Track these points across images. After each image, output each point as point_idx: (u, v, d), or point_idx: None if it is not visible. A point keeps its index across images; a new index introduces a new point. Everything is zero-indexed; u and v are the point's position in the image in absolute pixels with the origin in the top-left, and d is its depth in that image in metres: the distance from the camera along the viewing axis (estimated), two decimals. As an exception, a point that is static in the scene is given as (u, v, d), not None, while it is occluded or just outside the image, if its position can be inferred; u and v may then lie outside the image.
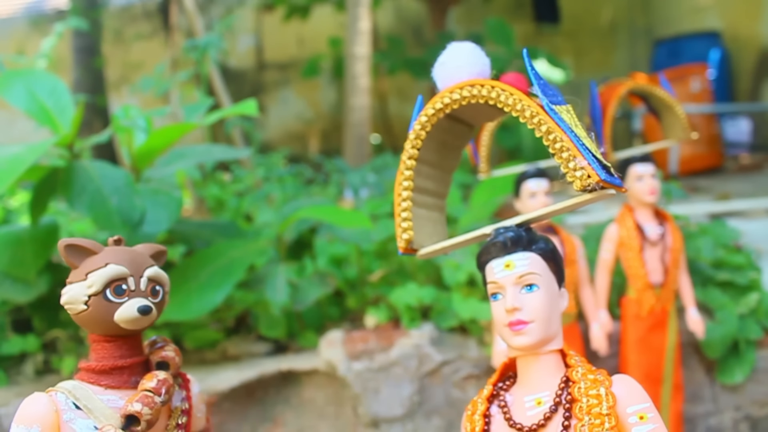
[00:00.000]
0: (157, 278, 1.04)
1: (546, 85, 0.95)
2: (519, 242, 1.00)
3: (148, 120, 2.20)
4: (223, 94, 4.47)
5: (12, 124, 5.90)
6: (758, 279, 2.26)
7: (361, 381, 2.02)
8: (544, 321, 0.97)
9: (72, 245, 1.01)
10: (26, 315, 2.26)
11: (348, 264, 2.61)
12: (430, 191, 1.14)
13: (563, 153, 0.90)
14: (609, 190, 0.91)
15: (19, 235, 2.06)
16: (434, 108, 1.05)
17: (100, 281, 0.98)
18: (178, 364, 1.07)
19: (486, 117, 1.13)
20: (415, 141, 1.08)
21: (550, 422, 0.95)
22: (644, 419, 0.93)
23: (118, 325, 0.99)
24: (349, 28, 4.66)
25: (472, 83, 1.00)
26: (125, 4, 9.22)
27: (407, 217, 1.10)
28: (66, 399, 0.97)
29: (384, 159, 4.54)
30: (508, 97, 0.95)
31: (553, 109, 0.92)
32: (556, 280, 1.02)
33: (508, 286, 0.98)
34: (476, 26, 7.47)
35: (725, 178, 5.77)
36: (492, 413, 1.02)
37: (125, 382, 1.01)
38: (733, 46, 7.16)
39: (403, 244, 1.10)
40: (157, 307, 1.03)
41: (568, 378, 0.97)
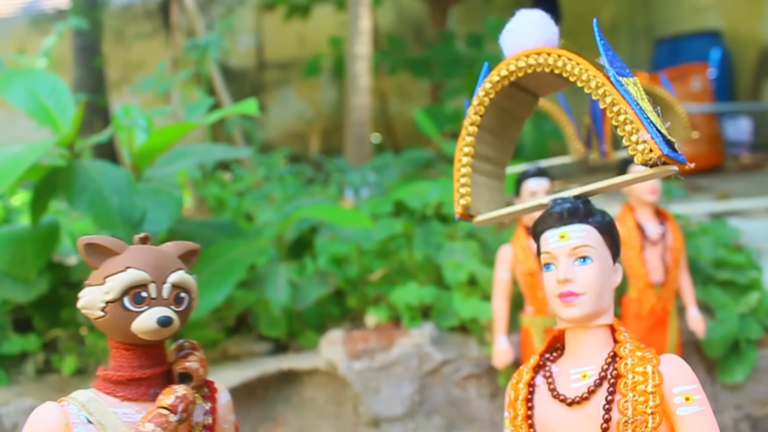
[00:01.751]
0: (183, 284, 0.96)
1: (614, 57, 0.93)
2: (576, 214, 0.98)
3: (148, 119, 2.20)
4: (224, 93, 4.47)
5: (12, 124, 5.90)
6: (759, 278, 2.26)
7: (362, 380, 2.02)
8: (595, 294, 0.96)
9: (92, 244, 0.94)
10: (27, 314, 2.26)
11: (348, 263, 2.61)
12: (491, 158, 1.13)
13: (627, 126, 0.89)
14: (672, 166, 0.89)
15: (19, 234, 2.06)
16: (499, 75, 1.03)
17: (118, 288, 0.91)
18: (202, 376, 0.99)
19: (552, 87, 1.11)
20: (478, 107, 1.06)
21: (594, 396, 0.95)
22: (690, 400, 0.92)
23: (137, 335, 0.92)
24: (350, 28, 4.66)
25: (538, 51, 0.99)
26: (126, 4, 9.22)
27: (466, 183, 1.08)
28: (78, 412, 0.91)
29: (385, 158, 4.54)
30: (574, 67, 0.94)
31: (619, 81, 0.90)
32: (611, 254, 1.00)
33: (561, 257, 0.97)
34: (477, 25, 7.47)
35: (726, 177, 5.77)
36: (537, 383, 1.02)
37: (143, 394, 0.94)
38: (734, 46, 7.15)
39: (460, 209, 1.09)
40: (181, 316, 0.95)
41: (616, 353, 0.96)
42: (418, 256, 2.44)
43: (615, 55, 0.94)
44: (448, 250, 2.31)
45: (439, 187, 2.73)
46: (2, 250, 2.02)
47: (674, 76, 5.82)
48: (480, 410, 2.06)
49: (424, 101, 7.50)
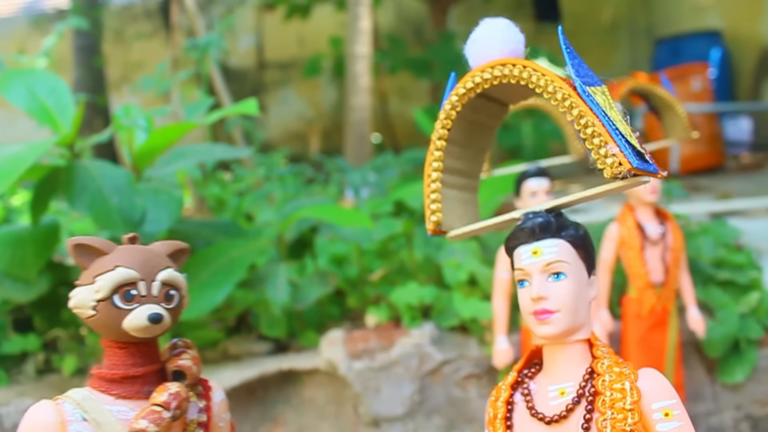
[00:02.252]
0: (172, 282, 0.96)
1: (580, 65, 0.91)
2: (548, 228, 0.96)
3: (148, 119, 2.20)
4: (224, 93, 4.47)
5: (13, 124, 5.91)
6: (759, 278, 2.26)
7: (362, 380, 2.02)
8: (570, 310, 0.94)
9: (81, 245, 0.94)
10: (27, 314, 2.26)
11: (349, 263, 2.61)
12: (462, 171, 1.11)
13: (594, 138, 0.87)
14: (643, 177, 0.87)
15: (19, 234, 2.06)
16: (465, 87, 1.01)
17: (108, 286, 0.91)
18: (196, 374, 0.99)
19: (520, 96, 1.09)
20: (445, 121, 1.05)
21: (572, 414, 0.93)
22: (669, 416, 0.90)
23: (129, 333, 0.93)
24: (350, 28, 4.66)
25: (503, 62, 0.96)
26: (126, 4, 9.23)
27: (436, 199, 1.06)
28: (74, 410, 0.91)
29: (385, 158, 4.54)
30: (540, 78, 0.92)
31: (586, 91, 0.88)
32: (586, 268, 0.98)
33: (534, 273, 0.95)
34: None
35: (726, 177, 5.77)
36: (515, 400, 1.01)
37: (137, 392, 0.94)
38: (734, 46, 7.15)
39: (432, 226, 1.07)
40: (171, 313, 0.95)
41: (593, 369, 0.95)
42: (419, 256, 2.44)
43: (581, 63, 0.92)
44: (448, 250, 2.31)
45: (440, 187, 2.73)
46: (2, 250, 2.02)
47: (674, 76, 5.83)
48: (480, 410, 2.06)
49: (424, 101, 7.50)
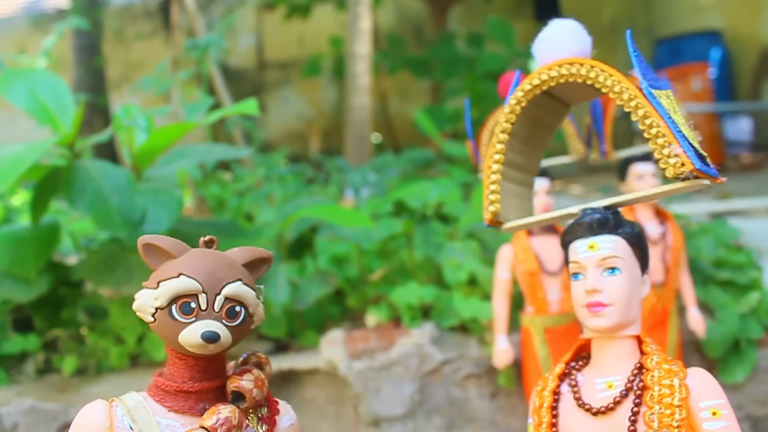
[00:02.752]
0: (238, 297, 0.88)
1: (647, 69, 0.93)
2: (605, 224, 0.98)
3: (148, 119, 2.20)
4: (224, 93, 4.47)
5: (13, 124, 5.91)
6: (759, 278, 2.26)
7: (362, 380, 2.02)
8: (623, 305, 0.96)
9: (149, 245, 0.90)
10: (27, 314, 2.26)
11: (349, 263, 2.60)
12: (520, 166, 1.13)
13: (659, 139, 0.89)
14: (704, 180, 0.89)
15: (20, 234, 2.06)
16: (531, 84, 1.03)
17: (167, 295, 0.86)
18: (256, 398, 0.92)
19: (583, 96, 1.11)
20: (509, 115, 1.07)
21: (620, 407, 0.95)
22: (717, 415, 0.91)
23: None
24: (350, 28, 4.66)
25: (571, 62, 0.99)
26: (126, 4, 9.22)
27: (495, 190, 1.08)
28: (123, 416, 0.88)
29: (385, 158, 4.54)
30: (607, 78, 0.94)
31: (652, 93, 0.90)
32: (640, 266, 1.00)
33: (590, 267, 0.97)
34: (477, 25, 7.47)
35: (726, 177, 5.75)
36: (562, 391, 1.02)
37: (191, 408, 0.89)
38: (734, 45, 7.15)
39: (489, 216, 1.09)
40: (234, 331, 0.89)
41: (642, 365, 0.96)
42: (419, 256, 2.44)
43: (648, 67, 0.93)
44: (449, 250, 2.31)
45: (439, 187, 2.73)
46: (3, 250, 2.02)
47: (674, 75, 5.83)
48: (480, 410, 2.06)
49: (425, 101, 7.50)
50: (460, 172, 3.98)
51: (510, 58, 5.84)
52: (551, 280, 1.85)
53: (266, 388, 0.95)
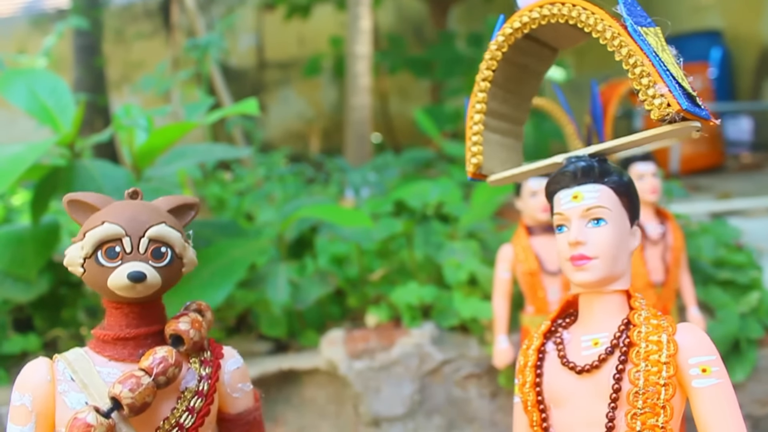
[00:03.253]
0: (163, 238, 0.90)
1: (633, 5, 0.88)
2: (590, 173, 0.93)
3: (149, 119, 2.20)
4: (224, 93, 4.47)
5: (13, 123, 5.91)
6: (759, 278, 2.26)
7: (362, 380, 2.02)
8: (608, 258, 0.91)
9: (74, 200, 0.91)
10: (27, 314, 2.26)
11: (349, 263, 2.60)
12: (506, 116, 1.08)
13: (643, 78, 0.84)
14: (693, 122, 0.83)
15: (20, 234, 2.06)
16: (512, 27, 0.98)
17: (91, 243, 0.88)
18: (193, 339, 0.93)
19: (570, 39, 1.05)
20: (490, 62, 1.01)
21: (605, 364, 0.90)
22: (707, 372, 0.86)
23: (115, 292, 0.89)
24: (350, 27, 4.66)
25: (552, 1, 0.93)
26: (126, 3, 9.22)
27: (477, 141, 1.03)
28: (64, 369, 0.90)
29: (385, 158, 4.54)
30: (589, 17, 0.89)
31: (637, 31, 0.85)
32: (629, 216, 0.95)
33: (573, 218, 0.92)
34: (477, 25, 7.46)
35: (726, 177, 5.76)
36: (547, 349, 0.98)
37: (130, 354, 0.90)
38: (734, 45, 7.15)
39: (472, 168, 1.04)
40: (162, 272, 0.90)
41: (630, 321, 0.91)
42: (419, 256, 2.44)
43: (634, 4, 0.88)
44: (449, 250, 2.31)
45: (440, 186, 2.73)
46: (3, 249, 2.02)
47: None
48: (480, 410, 2.06)
49: (425, 101, 7.50)
50: (460, 172, 3.99)
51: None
52: (551, 280, 1.85)
53: (205, 331, 0.95)
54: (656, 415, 0.86)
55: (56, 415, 0.89)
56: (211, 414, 0.95)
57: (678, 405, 0.87)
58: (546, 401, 0.96)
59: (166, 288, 0.93)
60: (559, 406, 0.95)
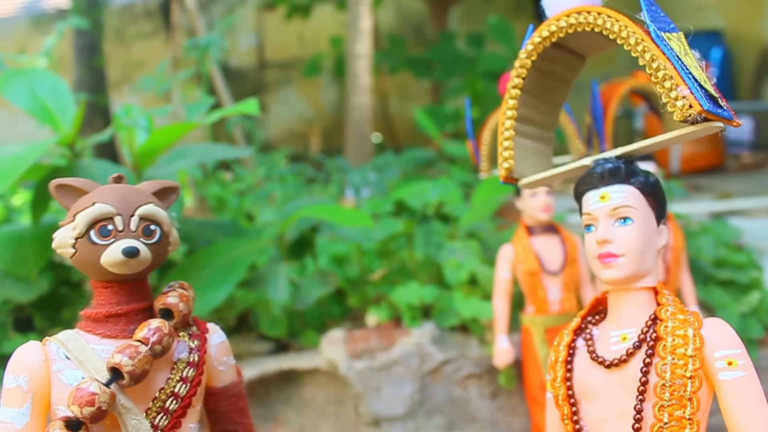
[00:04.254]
0: (152, 216, 0.95)
1: (656, 12, 0.91)
2: (617, 174, 0.97)
3: (149, 119, 2.20)
4: (225, 93, 4.47)
5: (13, 123, 5.91)
6: (759, 278, 2.26)
7: (363, 380, 2.02)
8: (635, 256, 0.94)
9: (62, 185, 0.95)
10: (28, 314, 2.26)
11: (349, 263, 2.60)
12: (536, 122, 1.11)
13: (666, 82, 0.86)
14: (715, 123, 0.85)
15: (20, 234, 2.06)
16: (540, 36, 1.01)
17: (83, 222, 0.91)
18: (183, 312, 0.97)
19: (597, 47, 1.08)
20: (519, 70, 1.05)
21: (633, 358, 0.93)
22: (733, 365, 0.88)
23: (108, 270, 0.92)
24: (350, 27, 4.66)
25: (578, 10, 0.97)
26: (126, 3, 9.22)
27: (509, 146, 1.07)
28: (58, 349, 0.92)
29: (385, 158, 4.54)
30: (614, 24, 0.92)
31: (660, 36, 0.88)
32: (655, 215, 0.98)
33: (601, 218, 0.96)
34: (477, 25, 7.46)
35: (727, 176, 5.77)
36: (577, 345, 1.01)
37: (122, 330, 0.94)
38: (735, 45, 7.15)
39: (504, 172, 1.08)
40: (153, 249, 0.94)
41: (657, 316, 0.94)
42: (419, 256, 2.44)
43: (658, 10, 0.91)
44: (449, 250, 2.31)
45: (440, 186, 2.73)
46: (3, 249, 2.01)
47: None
48: (481, 410, 2.06)
49: (425, 101, 7.50)
50: (461, 172, 3.99)
51: (510, 58, 5.83)
52: (552, 280, 1.85)
53: (192, 305, 0.99)
54: (683, 407, 0.89)
55: (52, 394, 0.91)
56: (201, 384, 0.99)
57: (705, 398, 0.90)
58: (576, 395, 1.00)
59: (154, 265, 0.96)
60: (589, 399, 0.98)
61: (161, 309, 0.96)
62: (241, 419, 1.09)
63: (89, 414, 0.85)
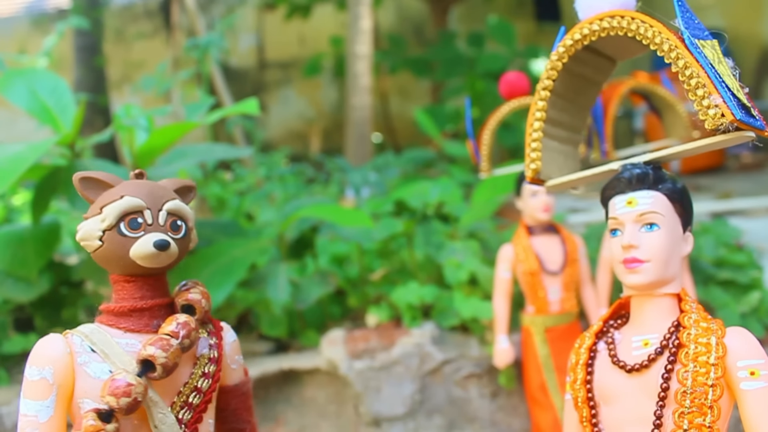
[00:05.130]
0: (179, 212, 0.96)
1: (691, 19, 0.90)
2: (644, 180, 0.97)
3: (149, 119, 2.20)
4: (225, 93, 4.47)
5: (13, 123, 5.91)
6: (760, 278, 2.26)
7: (363, 380, 2.02)
8: (660, 262, 0.94)
9: (87, 178, 0.95)
10: (28, 314, 2.26)
11: (349, 263, 2.60)
12: (564, 124, 1.11)
13: (698, 90, 0.86)
14: (747, 132, 0.85)
15: (20, 234, 2.06)
16: (573, 39, 1.01)
17: (114, 214, 0.92)
18: (205, 308, 0.99)
19: (628, 51, 1.08)
20: (550, 72, 1.05)
21: (654, 364, 0.93)
22: (756, 375, 0.88)
23: (136, 263, 0.92)
24: (351, 27, 4.66)
25: (612, 14, 0.96)
26: (127, 3, 9.23)
27: (536, 147, 1.07)
28: (82, 342, 0.92)
29: (385, 158, 4.54)
30: (647, 30, 0.92)
31: (694, 43, 0.87)
32: (681, 222, 0.98)
33: (627, 223, 0.96)
34: (478, 25, 7.46)
35: (727, 177, 5.77)
36: (598, 348, 1.02)
37: (146, 325, 0.94)
38: (735, 45, 7.15)
39: (531, 173, 1.08)
40: (179, 244, 0.95)
41: (680, 323, 0.95)
42: (419, 256, 2.44)
43: (692, 17, 0.91)
44: (449, 250, 2.31)
45: (440, 186, 2.73)
46: (3, 249, 2.02)
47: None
48: (481, 410, 2.06)
49: (425, 101, 7.50)
50: (461, 172, 3.99)
51: (510, 58, 5.84)
52: (552, 280, 1.85)
53: (210, 303, 1.01)
54: (703, 414, 0.89)
55: (77, 387, 0.90)
56: (220, 380, 1.00)
57: (726, 406, 0.90)
58: (596, 398, 1.00)
59: (177, 261, 0.97)
60: (608, 403, 0.98)
61: (183, 305, 0.97)
62: (249, 417, 1.09)
63: (125, 404, 0.86)
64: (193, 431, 0.95)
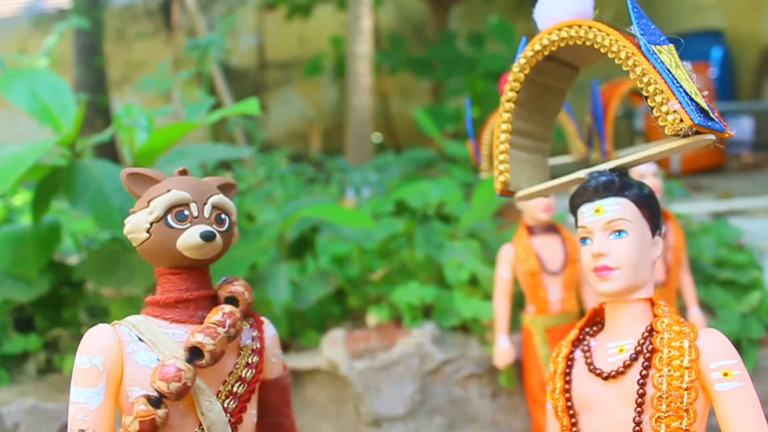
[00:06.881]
0: (223, 206, 1.00)
1: (646, 25, 0.91)
2: (611, 187, 0.98)
3: (149, 119, 2.20)
4: (225, 93, 4.47)
5: (14, 123, 5.91)
6: (760, 278, 2.26)
7: (363, 380, 2.02)
8: (630, 268, 0.95)
9: (134, 173, 0.99)
10: (28, 314, 2.26)
11: (350, 263, 2.60)
12: (531, 134, 1.12)
13: (657, 96, 0.87)
14: (707, 135, 0.86)
15: (21, 234, 2.06)
16: (533, 50, 1.02)
17: (162, 206, 0.95)
18: (248, 300, 1.01)
19: (589, 58, 1.09)
20: (513, 83, 1.06)
21: (629, 370, 0.94)
22: (729, 376, 0.90)
23: (182, 254, 0.95)
24: (351, 27, 4.66)
25: (570, 24, 0.97)
26: (127, 3, 9.23)
27: (504, 160, 1.08)
28: (129, 331, 0.94)
29: (386, 158, 4.54)
30: (605, 38, 0.92)
31: (650, 50, 0.88)
32: (650, 227, 0.99)
33: (596, 231, 0.97)
34: (478, 25, 7.46)
35: (727, 176, 5.76)
36: (575, 357, 1.02)
37: (191, 316, 0.97)
38: (735, 45, 7.14)
39: (500, 185, 1.09)
40: (223, 237, 0.99)
41: (653, 327, 0.95)
42: (420, 256, 2.44)
43: (648, 23, 0.91)
44: (450, 250, 2.31)
45: (441, 186, 2.73)
46: (4, 249, 2.02)
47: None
48: (481, 410, 2.06)
49: (425, 101, 7.50)
50: (461, 172, 3.98)
51: (511, 58, 5.82)
52: (552, 280, 1.85)
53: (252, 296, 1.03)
54: (680, 418, 0.89)
55: (125, 375, 0.93)
56: (262, 371, 1.03)
57: (702, 409, 0.91)
58: (575, 407, 1.00)
59: (220, 254, 1.00)
60: (587, 411, 0.99)
61: (227, 296, 1.00)
62: (288, 411, 1.12)
63: (176, 389, 0.88)
64: (238, 420, 0.97)
